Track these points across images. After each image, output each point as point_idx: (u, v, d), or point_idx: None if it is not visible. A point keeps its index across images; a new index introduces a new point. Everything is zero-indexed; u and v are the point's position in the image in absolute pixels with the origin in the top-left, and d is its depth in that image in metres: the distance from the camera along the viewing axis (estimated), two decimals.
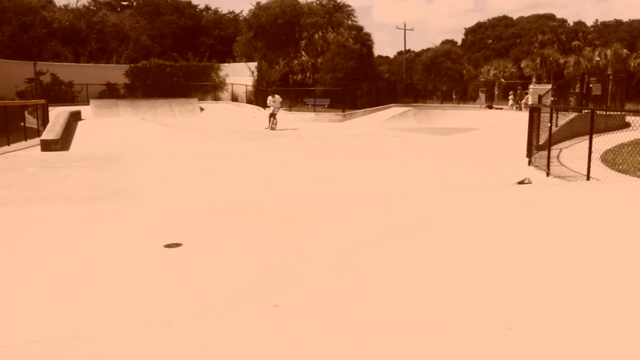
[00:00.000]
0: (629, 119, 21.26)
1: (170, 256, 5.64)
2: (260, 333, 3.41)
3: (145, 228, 6.83)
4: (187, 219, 7.34)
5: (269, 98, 27.28)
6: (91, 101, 34.60)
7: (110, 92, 39.84)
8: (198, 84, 42.88)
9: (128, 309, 4.14)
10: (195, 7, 63.70)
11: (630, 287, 3.50)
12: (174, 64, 44.33)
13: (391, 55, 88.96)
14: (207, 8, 65.81)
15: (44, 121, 20.82)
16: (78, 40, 48.11)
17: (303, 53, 48.79)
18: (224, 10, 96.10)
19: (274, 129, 25.66)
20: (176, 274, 5.06)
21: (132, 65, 43.42)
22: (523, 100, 34.52)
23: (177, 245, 6.02)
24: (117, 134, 18.40)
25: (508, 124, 22.96)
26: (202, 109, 36.96)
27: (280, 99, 27.47)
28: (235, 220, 7.25)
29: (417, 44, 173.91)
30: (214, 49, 55.09)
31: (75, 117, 22.18)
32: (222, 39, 59.49)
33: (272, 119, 26.16)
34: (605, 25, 74.39)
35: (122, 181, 10.54)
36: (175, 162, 13.27)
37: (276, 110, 26.34)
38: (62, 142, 16.59)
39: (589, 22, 77.61)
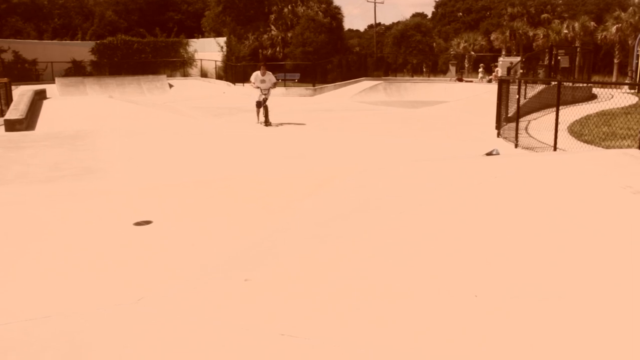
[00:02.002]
0: (595, 90, 21.60)
1: (141, 234, 5.63)
2: (232, 308, 3.44)
3: (114, 206, 6.78)
4: (157, 197, 7.30)
5: (256, 74, 16.71)
6: (57, 79, 33.85)
7: (76, 70, 38.98)
8: (166, 60, 42.21)
9: (98, 288, 4.13)
10: None
11: (591, 251, 3.60)
12: (141, 40, 43.49)
13: (362, 29, 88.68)
14: None
15: (7, 101, 20.28)
16: (40, 16, 46.93)
17: (273, 27, 48.31)
18: None
19: (269, 125, 16.24)
20: (146, 252, 5.06)
21: (98, 42, 42.50)
22: (493, 73, 34.78)
23: (147, 222, 6.01)
24: (85, 112, 18.10)
25: (478, 96, 23.12)
26: (171, 86, 36.46)
27: (274, 79, 17.36)
28: (206, 197, 7.24)
29: (387, 17, 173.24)
30: (182, 25, 54.19)
31: (40, 96, 21.71)
32: (190, 14, 58.53)
33: (261, 109, 16.37)
34: None
35: (91, 160, 10.41)
36: (145, 140, 13.13)
37: (266, 93, 16.48)
38: (27, 122, 16.23)
39: None
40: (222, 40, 43.57)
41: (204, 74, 41.84)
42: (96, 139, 13.10)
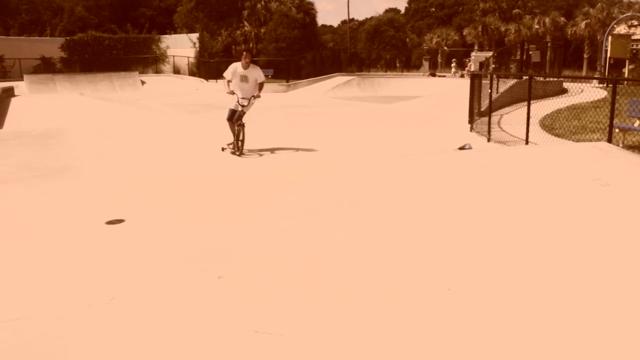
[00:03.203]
0: (566, 85, 21.91)
1: (113, 233, 5.57)
2: (205, 305, 3.42)
3: (86, 205, 6.70)
4: (130, 195, 7.23)
5: (233, 68, 10.63)
6: (25, 77, 33.24)
7: (45, 67, 38.30)
8: (138, 57, 41.70)
9: (70, 289, 4.08)
10: None
11: (563, 243, 3.65)
12: (112, 37, 42.87)
13: (335, 25, 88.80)
14: None
15: None
16: (7, 11, 46.01)
17: (246, 23, 48.13)
18: None
19: (242, 154, 10.45)
20: (119, 251, 5.00)
21: (68, 38, 41.76)
22: (466, 68, 35.07)
23: (120, 221, 5.94)
24: (55, 110, 17.80)
25: (451, 91, 23.28)
26: (143, 83, 36.10)
27: (262, 76, 11.05)
28: (181, 194, 7.19)
29: (361, 13, 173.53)
30: (154, 21, 53.68)
31: (8, 94, 21.29)
32: (162, 10, 58.00)
33: (236, 126, 10.53)
34: None
35: (62, 158, 10.26)
36: (117, 138, 12.98)
37: (246, 103, 10.68)
38: None
39: None
40: (194, 36, 43.26)
41: (176, 71, 41.48)
42: (68, 138, 12.91)
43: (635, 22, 16.84)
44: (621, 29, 26.90)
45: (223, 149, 10.52)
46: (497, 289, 3.18)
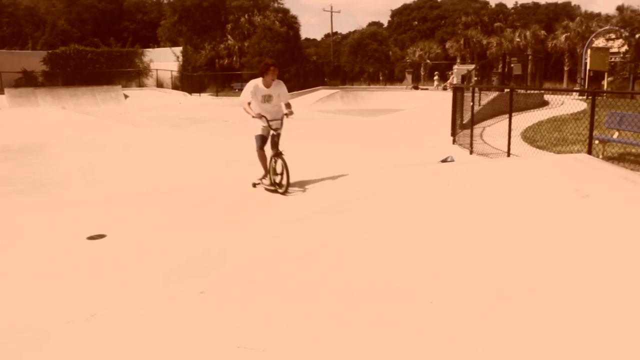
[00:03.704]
0: (547, 97, 22.14)
1: (94, 248, 5.52)
2: (187, 320, 3.39)
3: (67, 221, 6.63)
4: (112, 209, 7.17)
5: (254, 86, 7.98)
6: (6, 90, 32.96)
7: (27, 81, 38.01)
8: (121, 71, 41.57)
9: (49, 306, 4.03)
10: None
11: (542, 252, 3.67)
12: (95, 50, 42.71)
13: (319, 38, 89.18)
14: None
15: None
16: None
17: (229, 37, 48.24)
18: None
19: (287, 191, 7.42)
20: (100, 266, 4.96)
21: (50, 51, 41.58)
22: (448, 80, 35.34)
23: (101, 236, 5.90)
24: (37, 124, 17.65)
25: (434, 104, 23.41)
26: (126, 96, 35.93)
27: (287, 94, 8.25)
28: (163, 208, 7.15)
29: (344, 26, 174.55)
30: (137, 34, 53.65)
31: None
32: (145, 23, 58.01)
33: (273, 156, 7.86)
34: (524, 7, 76.83)
35: (43, 173, 10.15)
36: (99, 152, 12.89)
37: (278, 125, 8.00)
38: None
39: (510, 5, 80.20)
40: (178, 49, 43.27)
41: (159, 84, 41.39)
42: (49, 152, 12.80)
43: (613, 36, 17.19)
44: (600, 42, 27.29)
45: (255, 185, 7.93)
46: (480, 295, 3.18)
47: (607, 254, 3.68)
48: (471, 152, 12.19)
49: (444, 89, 34.03)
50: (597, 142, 10.81)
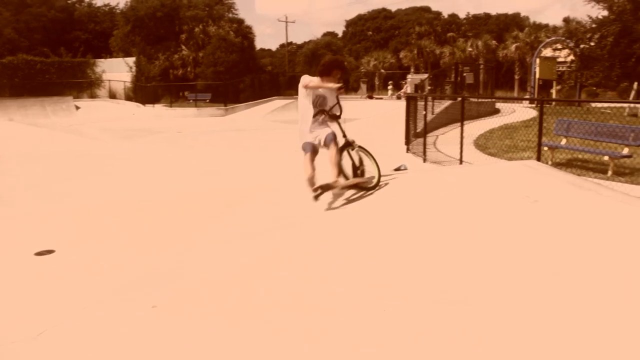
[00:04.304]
0: (499, 105, 22.63)
1: (42, 264, 5.36)
2: (139, 335, 3.31)
3: (14, 236, 6.44)
4: (61, 224, 7.00)
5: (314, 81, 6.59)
6: None
7: None
8: (73, 81, 40.69)
9: None
10: None
11: (493, 257, 3.71)
12: (45, 60, 41.69)
13: (274, 48, 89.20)
14: (80, 0, 62.57)
15: None
16: None
17: (184, 47, 47.83)
18: (98, 2, 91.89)
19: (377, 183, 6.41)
20: (48, 283, 4.82)
21: None
22: (402, 90, 35.75)
23: (49, 252, 5.73)
24: None
25: (388, 113, 23.65)
26: (77, 108, 35.19)
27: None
28: (114, 221, 7.00)
29: (299, 37, 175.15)
30: (89, 44, 52.64)
31: None
32: (97, 33, 56.97)
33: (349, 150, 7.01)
34: (476, 18, 78.51)
35: None
36: (49, 165, 12.56)
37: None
38: None
39: (462, 15, 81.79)
40: (131, 60, 42.69)
41: (112, 95, 40.71)
42: None
43: (559, 46, 17.74)
44: (548, 52, 28.07)
45: (317, 196, 5.91)
46: (428, 303, 3.19)
47: (554, 256, 3.74)
48: (424, 160, 12.33)
49: (398, 98, 34.40)
50: (546, 148, 11.07)
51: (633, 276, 3.39)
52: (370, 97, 37.03)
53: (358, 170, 6.65)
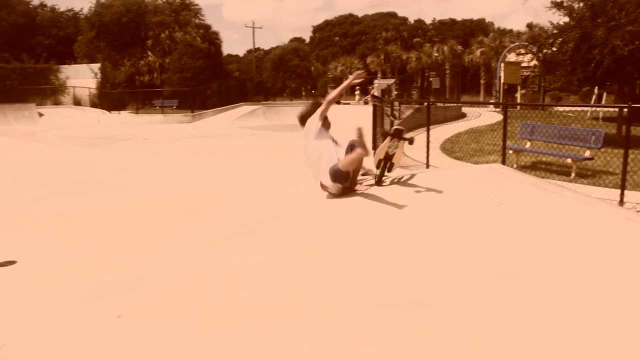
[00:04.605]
0: (465, 109, 22.91)
1: (2, 276, 5.20)
2: (101, 344, 3.23)
3: None
4: (22, 233, 6.82)
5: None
6: None
7: None
8: (35, 88, 39.89)
9: None
10: (28, 3, 59.28)
11: (458, 260, 3.71)
12: (5, 66, 40.77)
13: (241, 54, 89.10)
14: (42, 5, 61.61)
15: None
16: None
17: (150, 53, 47.38)
18: (61, 7, 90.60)
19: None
20: (8, 295, 4.68)
21: None
22: (369, 95, 35.91)
23: (11, 263, 5.58)
24: None
25: (355, 118, 23.68)
26: (41, 115, 34.56)
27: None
28: (77, 230, 6.86)
29: (267, 42, 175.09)
30: (52, 50, 51.76)
31: None
32: (60, 38, 56.15)
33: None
34: (442, 23, 79.56)
35: None
36: (9, 174, 12.26)
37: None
38: None
39: (428, 21, 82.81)
40: (96, 66, 42.16)
41: (77, 102, 40.08)
42: None
43: (523, 51, 18.08)
44: (512, 57, 28.54)
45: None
46: (394, 307, 3.18)
47: (517, 257, 3.77)
48: None
49: (365, 103, 34.53)
50: (511, 152, 11.22)
51: (593, 274, 3.43)
52: (338, 102, 37.10)
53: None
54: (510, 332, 2.82)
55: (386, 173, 6.47)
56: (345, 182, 5.94)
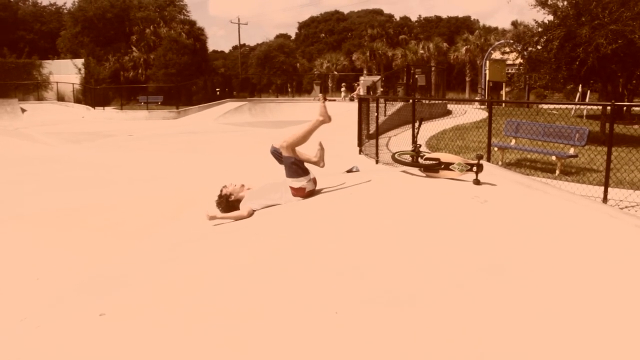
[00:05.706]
0: (450, 106, 22.97)
1: None
2: (82, 342, 3.19)
3: None
4: (3, 231, 6.74)
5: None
6: None
7: None
8: (17, 83, 39.48)
9: None
10: None
11: (441, 255, 3.71)
12: None
13: (226, 50, 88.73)
14: None
15: None
16: None
17: (134, 49, 47.07)
18: (44, 2, 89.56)
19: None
20: None
21: None
22: (355, 92, 35.92)
23: None
24: None
25: (341, 114, 23.66)
26: (23, 110, 34.15)
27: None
28: (58, 228, 6.78)
29: (252, 39, 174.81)
30: (35, 45, 51.21)
31: None
32: (43, 33, 55.57)
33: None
34: (427, 20, 79.69)
35: None
36: None
37: None
38: None
39: (414, 18, 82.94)
40: (79, 61, 41.80)
41: (60, 98, 39.70)
42: None
43: (508, 49, 18.14)
44: (497, 55, 28.67)
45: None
46: (380, 304, 3.17)
47: (502, 254, 3.78)
48: (377, 162, 12.38)
49: (351, 99, 34.53)
50: (496, 149, 11.26)
51: (577, 270, 3.45)
52: (325, 99, 37.09)
53: None
54: (495, 327, 2.82)
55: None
56: (304, 173, 6.20)
